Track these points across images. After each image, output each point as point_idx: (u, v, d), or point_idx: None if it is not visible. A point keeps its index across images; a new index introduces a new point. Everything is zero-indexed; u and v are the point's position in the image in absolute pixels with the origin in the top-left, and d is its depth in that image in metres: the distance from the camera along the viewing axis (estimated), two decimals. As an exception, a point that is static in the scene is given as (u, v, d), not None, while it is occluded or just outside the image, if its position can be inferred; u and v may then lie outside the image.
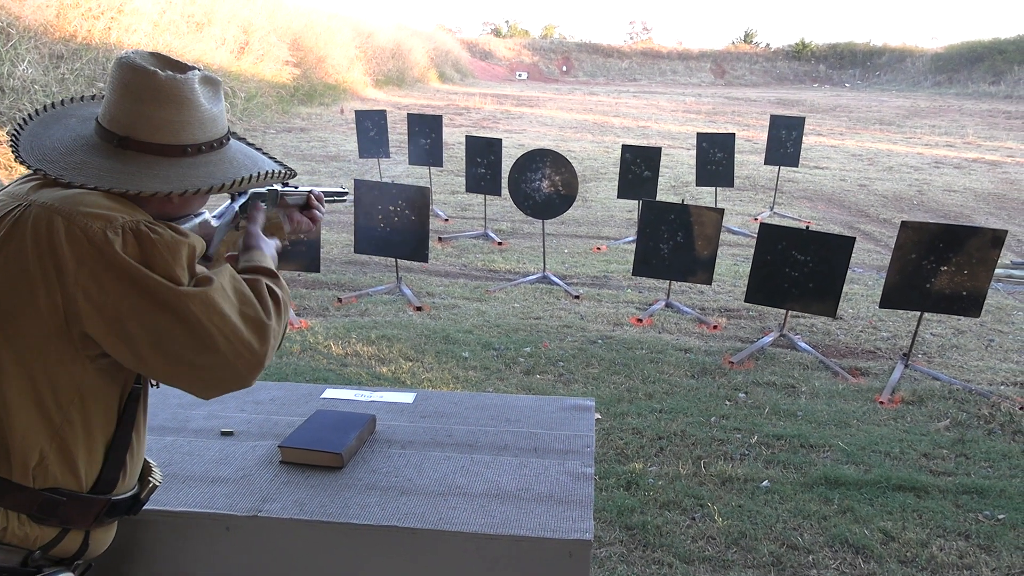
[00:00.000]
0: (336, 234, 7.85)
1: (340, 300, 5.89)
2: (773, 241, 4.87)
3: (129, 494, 1.43)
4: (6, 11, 11.25)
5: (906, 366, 4.78)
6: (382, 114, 9.49)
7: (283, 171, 1.51)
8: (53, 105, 1.43)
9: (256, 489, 1.65)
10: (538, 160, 6.33)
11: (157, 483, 1.51)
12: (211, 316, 1.25)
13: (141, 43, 13.43)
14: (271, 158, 1.56)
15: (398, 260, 6.10)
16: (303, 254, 5.46)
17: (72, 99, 1.46)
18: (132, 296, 1.21)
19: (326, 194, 1.86)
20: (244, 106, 15.40)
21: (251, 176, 1.42)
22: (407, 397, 2.11)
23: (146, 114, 1.32)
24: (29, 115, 1.40)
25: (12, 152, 1.34)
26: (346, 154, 12.72)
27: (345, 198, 1.93)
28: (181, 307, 1.23)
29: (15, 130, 1.37)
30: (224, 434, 1.76)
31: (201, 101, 1.37)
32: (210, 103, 1.40)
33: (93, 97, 1.48)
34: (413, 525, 1.56)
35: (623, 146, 7.79)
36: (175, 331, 1.23)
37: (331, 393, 2.13)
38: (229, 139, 1.46)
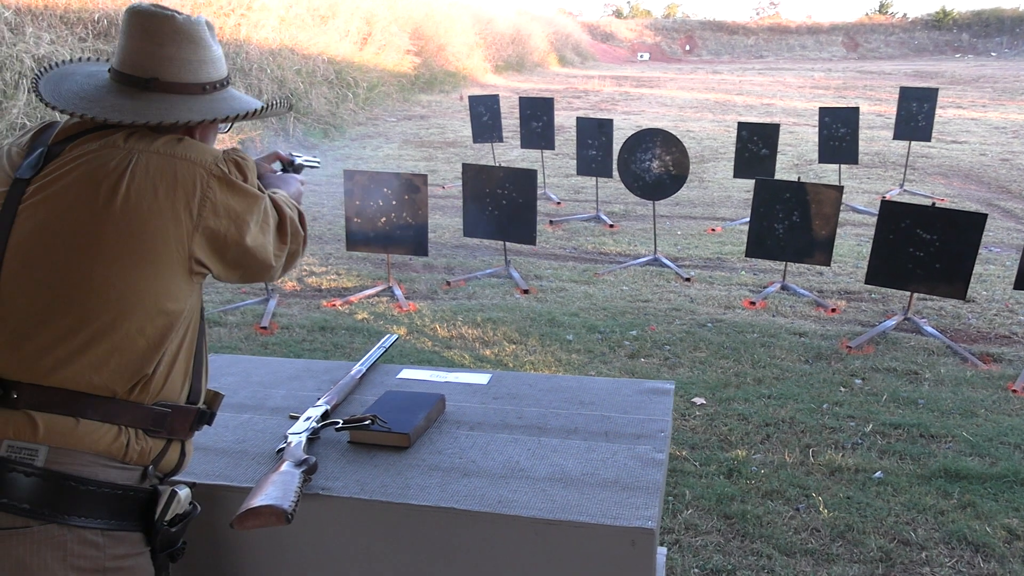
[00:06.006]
0: (447, 219, 7.91)
1: (449, 283, 5.94)
2: (896, 219, 4.59)
3: (203, 405, 1.53)
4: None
5: (1045, 352, 4.42)
6: (495, 99, 9.50)
7: (283, 100, 1.64)
8: (56, 65, 1.53)
9: (322, 468, 1.66)
10: (648, 140, 6.18)
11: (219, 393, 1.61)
12: (279, 208, 1.56)
13: (268, 38, 13.89)
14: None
15: (506, 243, 6.10)
16: (411, 238, 5.53)
17: (70, 60, 1.57)
18: (247, 202, 1.45)
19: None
20: (366, 95, 15.76)
21: (262, 108, 1.54)
22: (482, 378, 2.07)
23: (168, 56, 1.44)
24: (39, 73, 1.49)
25: (41, 101, 1.45)
26: (463, 140, 12.83)
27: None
28: (267, 204, 1.51)
29: (35, 84, 1.47)
30: (292, 418, 1.79)
31: (210, 41, 1.50)
32: (215, 44, 1.52)
33: (84, 59, 1.59)
34: (471, 507, 1.52)
35: (739, 123, 7.54)
36: (267, 218, 1.51)
37: (407, 374, 2.12)
38: (229, 81, 1.58)
